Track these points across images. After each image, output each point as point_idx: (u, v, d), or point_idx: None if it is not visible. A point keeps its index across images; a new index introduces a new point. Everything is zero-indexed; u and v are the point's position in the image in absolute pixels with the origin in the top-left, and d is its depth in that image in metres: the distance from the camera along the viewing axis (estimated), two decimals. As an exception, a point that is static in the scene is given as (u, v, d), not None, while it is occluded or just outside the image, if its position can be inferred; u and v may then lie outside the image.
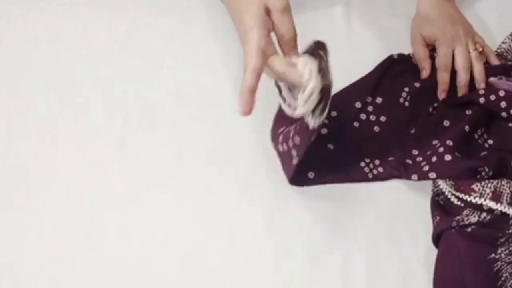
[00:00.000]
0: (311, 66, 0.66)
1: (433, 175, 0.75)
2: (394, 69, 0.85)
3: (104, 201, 0.76)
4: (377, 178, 0.78)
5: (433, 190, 0.77)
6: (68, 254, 0.73)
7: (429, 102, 0.83)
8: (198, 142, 0.80)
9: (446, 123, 0.80)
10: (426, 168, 0.75)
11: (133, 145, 0.80)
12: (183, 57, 0.87)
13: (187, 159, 0.79)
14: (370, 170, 0.78)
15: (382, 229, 0.75)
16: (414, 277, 0.73)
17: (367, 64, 0.85)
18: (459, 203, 0.74)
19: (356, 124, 0.81)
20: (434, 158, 0.76)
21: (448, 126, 0.80)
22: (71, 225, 0.74)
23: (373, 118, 0.81)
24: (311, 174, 0.76)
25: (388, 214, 0.77)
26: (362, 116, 0.81)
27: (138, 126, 0.81)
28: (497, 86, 0.81)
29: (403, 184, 0.78)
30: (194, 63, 0.86)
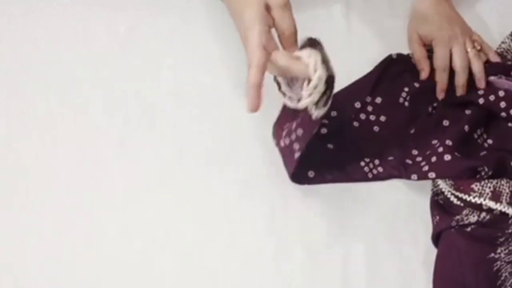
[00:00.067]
0: (316, 56, 0.66)
1: (432, 175, 0.75)
2: (393, 69, 0.85)
3: (104, 201, 0.76)
4: (377, 178, 0.78)
5: (432, 189, 0.77)
6: (68, 254, 0.73)
7: (428, 102, 0.83)
8: (198, 142, 0.80)
9: (446, 123, 0.80)
10: (426, 168, 0.76)
11: (133, 145, 0.80)
12: (183, 57, 0.87)
13: (187, 159, 0.79)
14: (370, 170, 0.78)
15: (382, 229, 0.76)
16: (414, 277, 0.73)
17: (367, 64, 0.85)
18: (459, 203, 0.74)
19: (355, 124, 0.81)
20: (433, 158, 0.76)
21: (447, 126, 0.80)
22: (71, 225, 0.74)
23: (372, 118, 0.82)
24: (311, 173, 0.76)
25: (388, 214, 0.77)
26: (362, 116, 0.82)
27: (138, 126, 0.81)
28: (497, 85, 0.81)
29: (403, 184, 0.78)
30: (194, 63, 0.86)
